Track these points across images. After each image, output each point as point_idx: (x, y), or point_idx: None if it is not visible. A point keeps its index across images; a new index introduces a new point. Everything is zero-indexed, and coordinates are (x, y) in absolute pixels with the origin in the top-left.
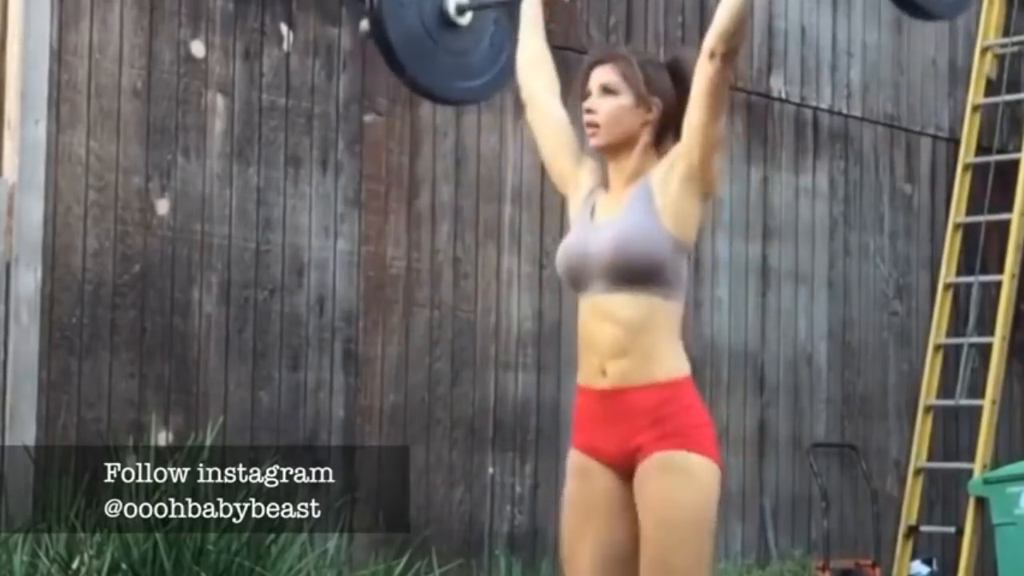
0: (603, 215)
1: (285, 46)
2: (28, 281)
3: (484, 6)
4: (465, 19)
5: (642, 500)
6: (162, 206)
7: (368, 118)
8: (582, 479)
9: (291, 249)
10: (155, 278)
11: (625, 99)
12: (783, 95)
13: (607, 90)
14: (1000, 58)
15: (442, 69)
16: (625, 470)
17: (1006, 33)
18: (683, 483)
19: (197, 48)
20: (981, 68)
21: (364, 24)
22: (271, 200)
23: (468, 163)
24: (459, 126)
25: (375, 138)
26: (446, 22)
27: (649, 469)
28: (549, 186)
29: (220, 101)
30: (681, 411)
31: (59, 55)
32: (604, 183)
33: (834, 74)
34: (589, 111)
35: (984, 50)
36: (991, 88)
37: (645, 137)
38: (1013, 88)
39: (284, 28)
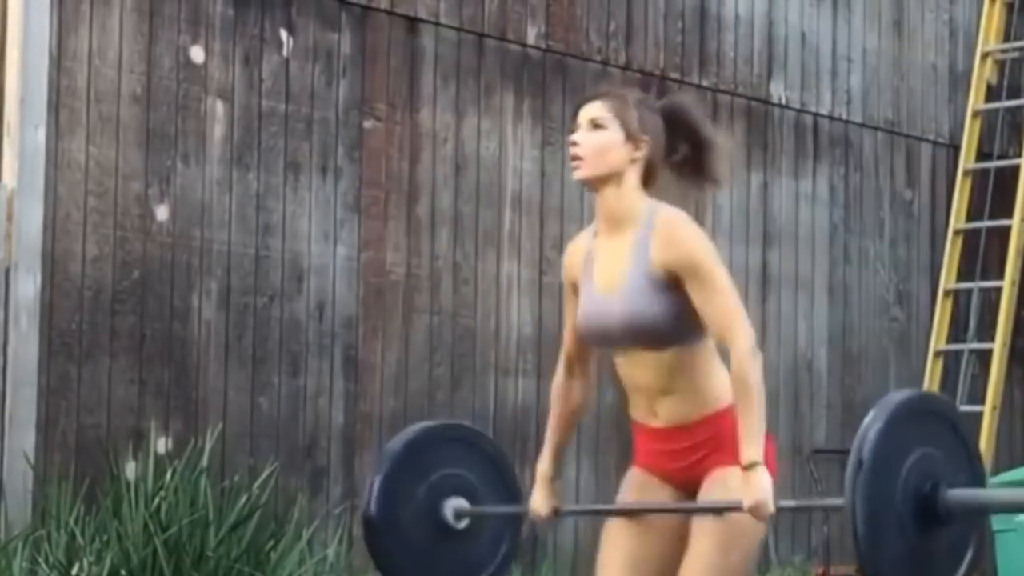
0: (603, 279)
1: (285, 52)
2: (27, 287)
3: (484, 514)
4: (463, 523)
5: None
6: (161, 212)
7: (368, 124)
8: (640, 494)
9: (291, 255)
10: (155, 284)
11: (613, 133)
12: (783, 101)
13: (595, 124)
14: (1000, 64)
15: (443, 573)
16: (688, 489)
17: (1006, 39)
18: (739, 495)
19: (197, 54)
20: (981, 74)
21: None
22: (271, 206)
23: (468, 169)
24: (459, 132)
25: (375, 144)
26: (445, 530)
27: (711, 484)
28: (549, 192)
29: (220, 107)
30: (735, 435)
31: (58, 61)
32: (594, 232)
33: (834, 80)
34: (573, 144)
35: (984, 56)
36: (991, 94)
37: (632, 175)
38: (1013, 94)
39: (284, 34)
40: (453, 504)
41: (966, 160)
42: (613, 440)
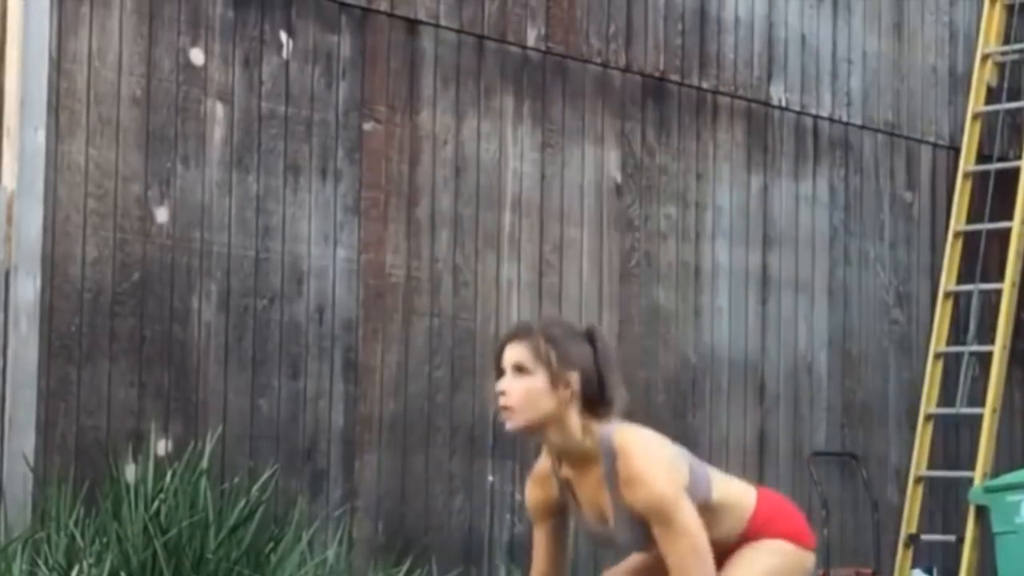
0: (592, 514)
1: (284, 54)
2: (27, 289)
3: None
4: None
5: (732, 560)
6: (161, 214)
7: (367, 126)
8: None
9: (290, 257)
10: (154, 286)
11: (539, 379)
12: (783, 103)
13: (519, 368)
14: (1000, 66)
15: None
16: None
17: (1006, 41)
18: (765, 551)
19: (196, 56)
20: (981, 76)
21: None
22: (270, 208)
23: (468, 171)
24: (459, 134)
25: (375, 146)
26: None
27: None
28: (549, 194)
29: (219, 109)
30: (767, 531)
31: (58, 63)
32: (556, 461)
33: (834, 82)
34: (502, 393)
35: (984, 58)
36: (991, 96)
37: (571, 414)
38: (1014, 96)
39: (284, 36)
40: None
41: (966, 162)
42: None
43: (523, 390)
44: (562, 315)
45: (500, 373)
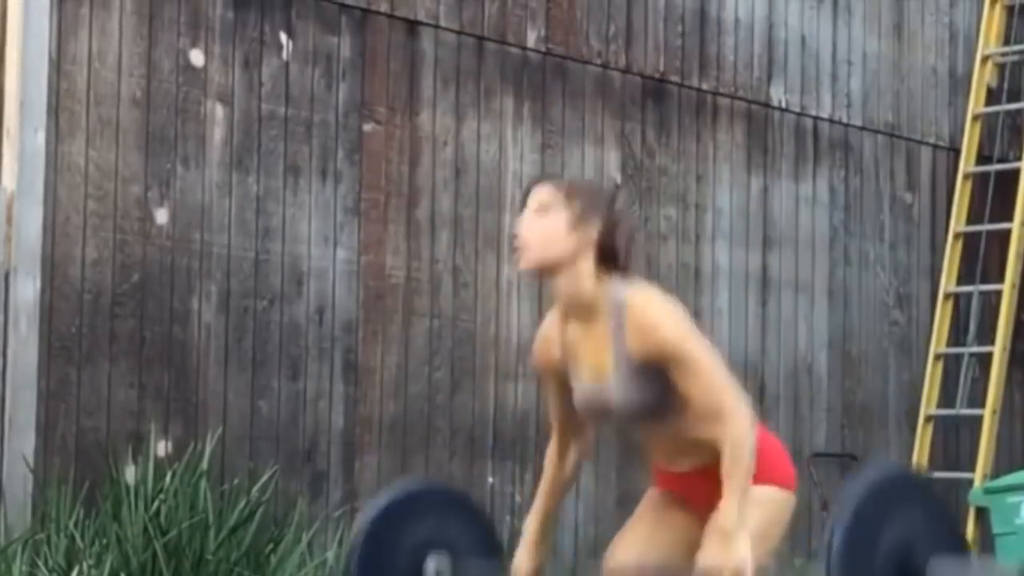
0: (590, 371)
1: (284, 55)
2: (27, 290)
3: (466, 571)
4: None
5: (712, 522)
6: (161, 215)
7: (367, 127)
8: (663, 492)
9: (290, 258)
10: (154, 287)
11: (559, 220)
12: (783, 104)
13: (542, 209)
14: (1000, 67)
15: None
16: (706, 514)
17: (1007, 42)
18: (754, 503)
19: (196, 57)
20: (981, 77)
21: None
22: (270, 209)
23: (468, 172)
24: (459, 136)
25: (374, 147)
26: None
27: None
28: None
29: (219, 110)
30: (757, 469)
31: (58, 64)
32: (561, 316)
33: (834, 83)
34: (521, 229)
35: (984, 59)
36: (991, 97)
37: (584, 262)
38: (1014, 97)
39: (283, 37)
40: (435, 562)
41: (966, 163)
42: (613, 443)
43: (542, 228)
44: None
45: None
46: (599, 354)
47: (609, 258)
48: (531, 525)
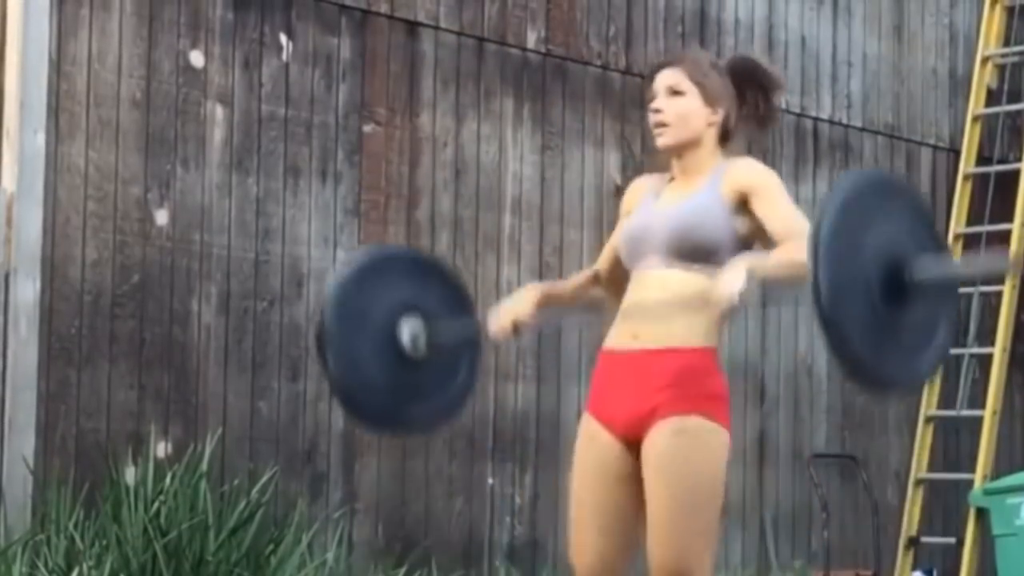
0: (668, 199)
1: (284, 56)
2: (27, 291)
3: (439, 333)
4: (420, 344)
5: (651, 461)
6: (161, 216)
7: (367, 128)
8: (591, 442)
9: (290, 259)
10: (154, 288)
11: (692, 100)
12: (783, 105)
13: (674, 91)
14: (1000, 68)
15: (395, 399)
16: (634, 438)
17: (1006, 43)
18: (693, 447)
19: (196, 58)
20: (981, 78)
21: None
22: (270, 210)
23: (468, 173)
24: (459, 136)
25: (374, 148)
26: (400, 351)
27: (661, 431)
28: (549, 197)
29: (219, 111)
30: (700, 377)
31: (58, 65)
32: (669, 179)
33: (834, 84)
34: (656, 111)
35: (984, 60)
36: (991, 98)
37: (710, 139)
38: (1014, 98)
39: (283, 38)
40: (409, 324)
41: (966, 164)
42: None
43: (678, 108)
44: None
45: (651, 98)
46: (687, 191)
47: (727, 137)
48: (535, 285)
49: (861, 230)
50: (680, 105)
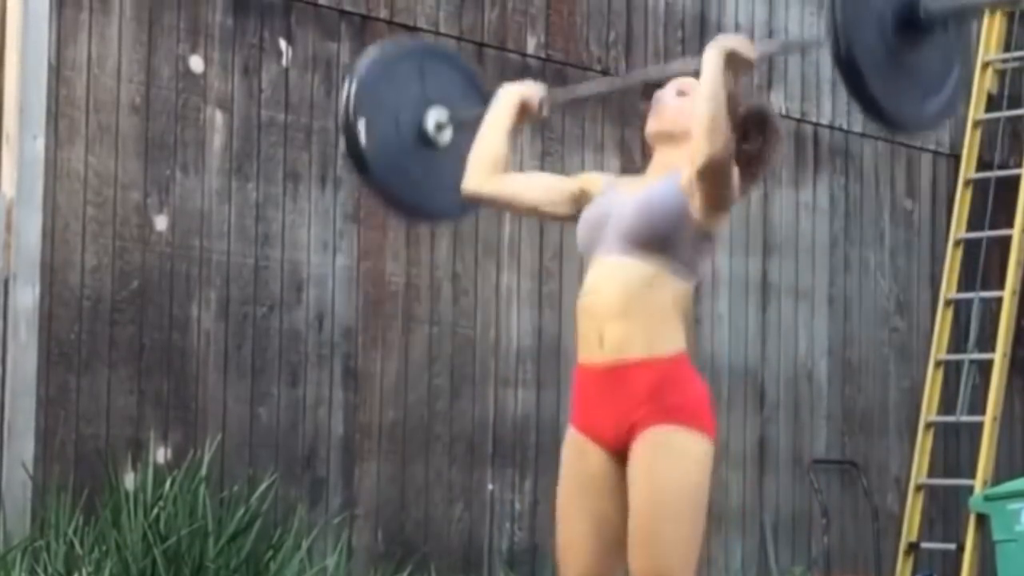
0: (629, 189)
1: (284, 61)
2: (26, 297)
3: (467, 118)
4: (445, 137)
5: (634, 474)
6: (161, 222)
7: None
8: (577, 457)
9: (290, 265)
10: (154, 294)
11: (692, 104)
12: (783, 111)
13: (681, 92)
14: (1001, 73)
15: (421, 185)
16: (620, 450)
17: (1007, 48)
18: (676, 458)
19: (196, 63)
20: (982, 83)
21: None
22: (270, 216)
23: None
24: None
25: None
26: (425, 140)
27: (643, 444)
28: None
29: (219, 116)
30: (678, 386)
31: (57, 70)
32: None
33: (834, 89)
34: (658, 99)
35: (985, 65)
36: (992, 104)
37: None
38: (1014, 104)
39: (283, 43)
40: (435, 113)
41: (966, 170)
42: None
43: (679, 104)
44: (563, 319)
45: (650, 95)
46: (648, 181)
47: None
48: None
49: None
50: (680, 102)
